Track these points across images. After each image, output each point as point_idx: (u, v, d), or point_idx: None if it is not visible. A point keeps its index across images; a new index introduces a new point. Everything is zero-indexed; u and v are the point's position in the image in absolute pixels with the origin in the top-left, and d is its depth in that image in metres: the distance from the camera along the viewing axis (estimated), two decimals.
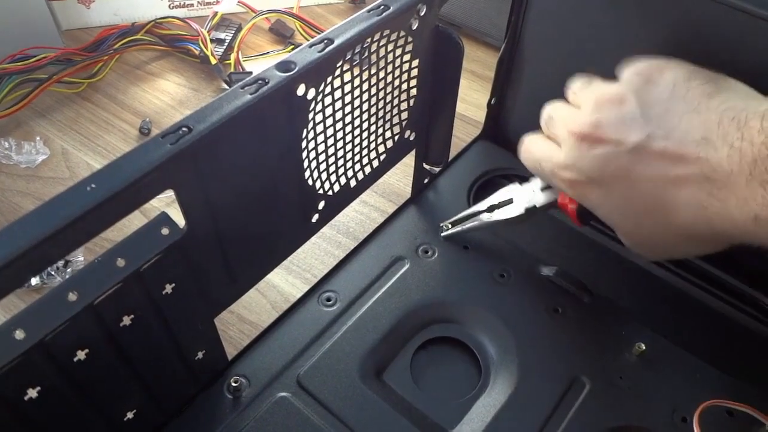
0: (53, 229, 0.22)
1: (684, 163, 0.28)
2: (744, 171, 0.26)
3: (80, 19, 0.68)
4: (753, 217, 0.26)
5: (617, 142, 0.31)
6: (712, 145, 0.27)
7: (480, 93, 0.63)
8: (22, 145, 0.56)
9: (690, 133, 0.28)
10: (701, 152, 0.28)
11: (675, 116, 0.29)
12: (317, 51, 0.30)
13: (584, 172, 0.33)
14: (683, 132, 0.29)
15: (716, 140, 0.27)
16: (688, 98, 0.29)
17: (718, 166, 0.27)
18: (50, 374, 0.26)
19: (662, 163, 0.29)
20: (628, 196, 0.31)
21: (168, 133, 0.26)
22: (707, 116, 0.28)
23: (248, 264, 0.36)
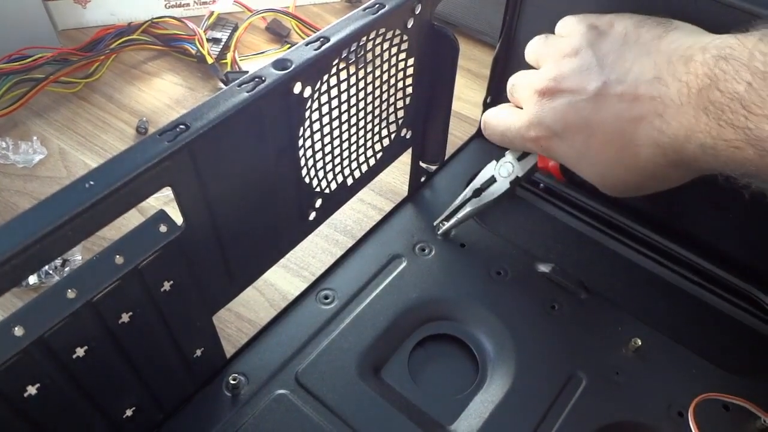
0: (51, 226, 0.22)
1: (639, 102, 0.30)
2: (691, 102, 0.28)
3: (76, 19, 0.68)
4: (700, 144, 0.28)
5: (577, 91, 0.32)
6: (663, 82, 0.29)
7: (476, 91, 0.63)
8: (19, 144, 0.56)
9: (643, 74, 0.30)
10: (654, 91, 0.29)
11: (628, 61, 0.31)
12: (313, 49, 0.31)
13: (548, 125, 0.34)
14: (637, 74, 0.30)
15: (667, 77, 0.29)
16: (640, 43, 0.31)
17: (670, 101, 0.29)
18: (49, 371, 0.26)
19: (620, 106, 0.31)
20: (591, 144, 0.32)
21: (165, 130, 0.26)
22: (658, 57, 0.30)
23: (246, 261, 0.36)
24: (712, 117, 0.27)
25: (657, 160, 0.31)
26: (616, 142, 0.32)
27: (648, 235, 0.46)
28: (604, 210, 0.47)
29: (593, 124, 0.32)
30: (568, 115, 0.33)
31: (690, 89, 0.28)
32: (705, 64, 0.28)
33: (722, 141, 0.27)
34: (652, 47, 0.31)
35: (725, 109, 0.26)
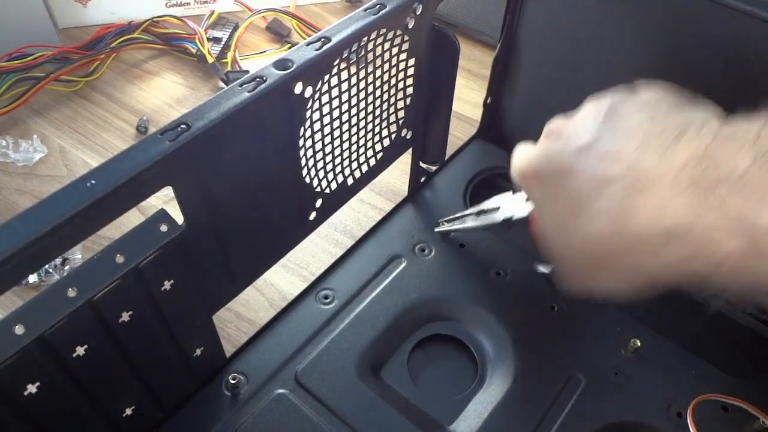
0: (52, 225, 0.22)
1: (617, 163, 0.28)
2: (669, 175, 0.25)
3: (77, 18, 0.68)
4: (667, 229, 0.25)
5: (570, 139, 0.31)
6: (648, 149, 0.27)
7: (476, 92, 0.63)
8: (20, 143, 0.56)
9: (633, 138, 0.28)
10: (635, 154, 0.27)
11: (629, 124, 0.29)
12: (314, 49, 0.31)
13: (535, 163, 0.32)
14: (628, 137, 0.28)
15: (653, 145, 0.27)
16: (650, 111, 0.29)
17: (647, 170, 0.26)
18: (49, 370, 0.26)
19: (598, 163, 0.29)
20: (557, 195, 0.31)
21: (167, 130, 0.26)
22: (657, 124, 0.28)
23: (246, 261, 0.36)
24: (693, 196, 0.24)
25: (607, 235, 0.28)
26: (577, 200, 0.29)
27: None
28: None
29: (567, 174, 0.30)
30: (553, 159, 0.31)
31: (672, 162, 0.26)
32: (698, 141, 0.25)
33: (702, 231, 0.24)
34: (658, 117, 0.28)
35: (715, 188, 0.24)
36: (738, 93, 0.38)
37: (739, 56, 0.36)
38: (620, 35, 0.41)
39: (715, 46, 0.37)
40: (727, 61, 0.37)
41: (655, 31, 0.39)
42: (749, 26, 0.35)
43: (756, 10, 0.34)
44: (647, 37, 0.40)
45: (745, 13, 0.34)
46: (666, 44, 0.39)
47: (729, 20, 0.35)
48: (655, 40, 0.40)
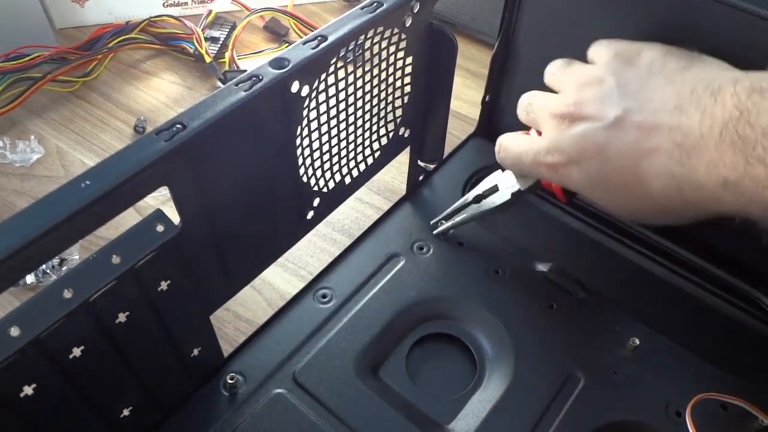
0: (48, 226, 0.22)
1: (657, 132, 0.29)
2: (714, 134, 0.26)
3: (74, 18, 0.68)
4: (722, 181, 0.26)
5: (596, 118, 0.31)
6: (684, 112, 0.28)
7: (474, 90, 0.63)
8: (17, 143, 0.56)
9: (664, 103, 0.29)
10: (674, 120, 0.28)
11: (650, 90, 0.30)
12: (311, 48, 0.31)
13: (565, 152, 0.33)
14: (657, 103, 0.29)
15: (689, 107, 0.28)
16: (664, 73, 0.30)
17: (690, 131, 0.27)
18: (46, 371, 0.26)
19: (637, 136, 0.29)
20: (606, 172, 0.31)
21: (162, 130, 0.26)
22: (681, 87, 0.29)
23: (243, 261, 0.36)
24: (738, 152, 0.25)
25: (670, 194, 0.29)
26: (629, 172, 0.30)
27: (646, 235, 0.45)
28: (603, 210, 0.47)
29: (609, 152, 0.31)
30: (585, 141, 0.32)
31: (714, 120, 0.26)
32: (735, 95, 0.26)
33: (749, 179, 0.25)
34: (677, 77, 0.29)
35: (757, 144, 0.25)
36: None
37: (740, 55, 0.36)
38: (618, 33, 0.41)
39: (716, 45, 0.37)
40: (727, 61, 0.37)
41: (653, 29, 0.39)
42: (750, 25, 0.35)
43: (757, 9, 0.34)
44: (645, 36, 0.40)
45: (745, 11, 0.34)
46: (664, 43, 0.39)
47: (730, 19, 0.35)
48: (653, 38, 0.40)
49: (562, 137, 0.33)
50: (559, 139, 0.33)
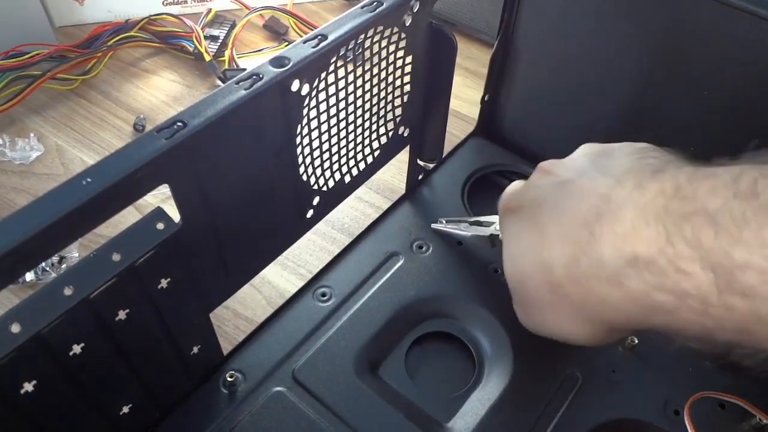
0: (48, 223, 0.22)
1: (586, 199, 0.27)
2: (640, 203, 0.24)
3: (73, 16, 0.68)
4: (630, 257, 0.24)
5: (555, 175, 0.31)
6: (623, 182, 0.26)
7: (473, 90, 0.63)
8: (16, 141, 0.56)
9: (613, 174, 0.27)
10: (610, 187, 0.27)
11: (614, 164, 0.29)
12: (311, 47, 0.31)
13: (519, 197, 0.33)
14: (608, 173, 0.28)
15: (629, 179, 0.26)
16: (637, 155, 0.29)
17: (614, 198, 0.26)
18: (46, 368, 0.26)
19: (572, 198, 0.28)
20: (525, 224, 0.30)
21: (163, 127, 0.26)
22: (634, 164, 0.28)
23: (243, 259, 0.36)
24: (661, 227, 0.23)
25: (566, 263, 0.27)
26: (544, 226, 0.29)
27: None
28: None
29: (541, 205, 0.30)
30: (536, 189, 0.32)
31: (644, 193, 0.25)
32: (675, 177, 0.24)
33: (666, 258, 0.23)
34: (636, 159, 0.28)
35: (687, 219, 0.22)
36: (737, 93, 0.38)
37: (739, 56, 0.36)
38: (618, 33, 0.41)
39: (714, 45, 0.37)
40: (727, 60, 0.37)
41: (653, 29, 0.39)
42: (749, 25, 0.35)
43: (757, 8, 0.34)
44: (645, 36, 0.40)
45: (745, 11, 0.34)
46: (664, 42, 0.39)
47: (729, 19, 0.35)
48: (652, 38, 0.40)
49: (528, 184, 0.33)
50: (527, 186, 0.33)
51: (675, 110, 0.41)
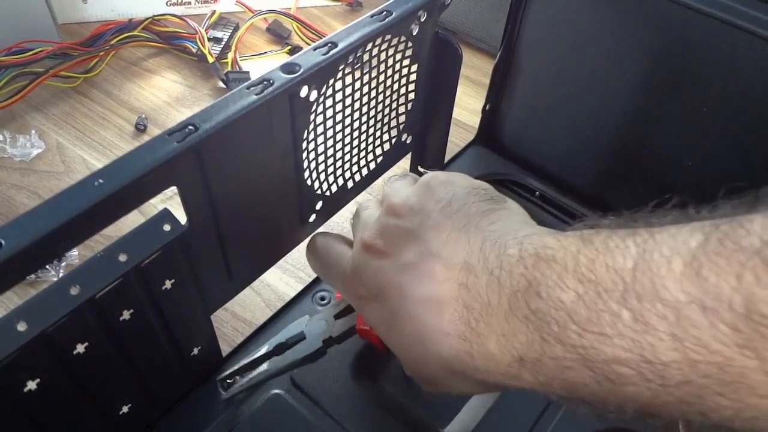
0: (60, 223, 0.23)
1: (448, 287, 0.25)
2: (503, 304, 0.23)
3: (77, 14, 0.68)
4: (518, 358, 0.23)
5: (393, 256, 0.28)
6: (473, 271, 0.25)
7: (475, 98, 0.64)
8: (17, 138, 0.56)
9: (455, 255, 0.26)
10: (462, 277, 0.25)
11: (445, 233, 0.27)
12: (321, 54, 0.31)
13: (366, 285, 0.29)
14: (449, 253, 0.26)
15: (477, 266, 0.25)
16: (461, 214, 0.27)
17: (477, 295, 0.24)
18: (50, 366, 0.26)
19: (429, 286, 0.26)
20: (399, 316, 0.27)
21: (174, 131, 0.26)
22: (473, 237, 0.26)
23: (246, 262, 0.36)
24: (533, 328, 0.22)
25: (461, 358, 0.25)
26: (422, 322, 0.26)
27: None
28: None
29: (405, 294, 0.27)
30: (383, 279, 0.28)
31: (502, 288, 0.23)
32: (521, 261, 0.23)
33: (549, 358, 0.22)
34: (472, 223, 0.27)
35: (551, 321, 0.21)
36: (736, 108, 0.39)
37: (738, 73, 0.37)
38: (618, 47, 0.42)
39: (714, 62, 0.38)
40: (727, 77, 0.38)
41: (655, 44, 0.40)
42: (749, 44, 0.35)
43: (756, 28, 0.35)
44: (644, 50, 0.41)
45: (745, 30, 0.35)
46: (665, 57, 0.40)
47: (729, 37, 0.36)
48: (654, 53, 0.40)
49: (365, 268, 0.29)
50: (362, 269, 0.30)
51: (674, 124, 0.42)
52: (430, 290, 0.26)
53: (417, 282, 0.27)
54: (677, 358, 0.19)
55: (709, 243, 0.19)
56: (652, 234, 0.20)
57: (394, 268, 0.28)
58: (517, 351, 0.23)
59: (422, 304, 0.26)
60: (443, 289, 0.26)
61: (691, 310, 0.18)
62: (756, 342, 0.17)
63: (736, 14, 0.35)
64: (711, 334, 0.18)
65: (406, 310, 0.27)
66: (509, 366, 0.23)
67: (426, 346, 0.26)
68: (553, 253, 0.22)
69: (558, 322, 0.21)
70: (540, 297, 0.22)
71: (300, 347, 0.36)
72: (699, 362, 0.18)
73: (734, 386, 0.18)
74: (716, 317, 0.18)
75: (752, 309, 0.17)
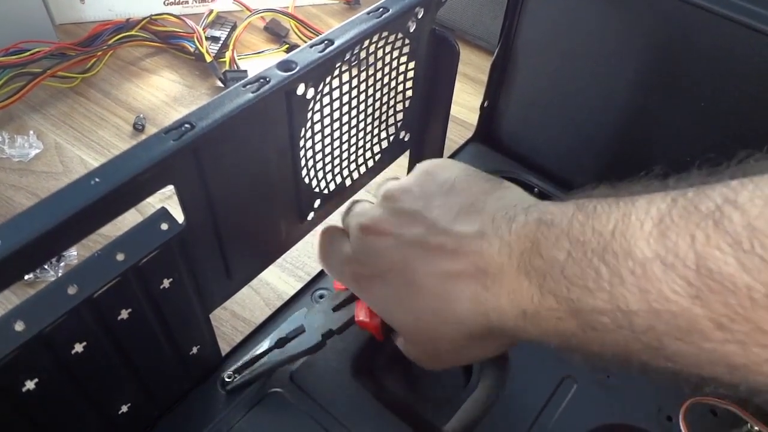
0: (57, 222, 0.23)
1: (461, 257, 0.28)
2: (513, 264, 0.26)
3: (74, 14, 0.68)
4: (521, 312, 0.26)
5: (397, 235, 0.30)
6: (486, 239, 0.27)
7: (472, 96, 0.64)
8: (15, 138, 0.56)
9: (467, 227, 0.28)
10: (476, 246, 0.27)
11: (453, 211, 0.29)
12: (318, 51, 0.31)
13: (367, 265, 0.31)
14: (460, 227, 0.28)
15: (490, 234, 0.27)
16: (467, 194, 0.30)
17: (491, 259, 0.27)
18: (48, 366, 0.26)
19: (441, 258, 0.28)
20: (408, 291, 0.30)
21: (171, 129, 0.26)
22: (484, 211, 0.28)
23: (244, 260, 0.36)
24: (534, 283, 0.25)
25: (478, 320, 0.28)
26: (435, 293, 0.29)
27: None
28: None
29: (412, 270, 0.29)
30: (388, 258, 0.30)
31: (512, 250, 0.26)
32: (527, 225, 0.26)
33: (545, 310, 0.25)
34: (479, 201, 0.29)
35: (547, 276, 0.25)
36: (734, 105, 0.39)
37: (737, 69, 0.37)
38: (616, 43, 0.42)
39: (713, 58, 0.38)
40: (725, 73, 0.38)
41: (653, 40, 0.40)
42: (747, 39, 0.35)
43: (755, 23, 0.34)
44: (642, 46, 0.41)
45: (743, 25, 0.35)
46: (663, 53, 0.40)
47: (727, 32, 0.36)
48: (649, 48, 0.40)
49: (365, 250, 0.31)
50: (362, 251, 0.32)
51: (673, 120, 0.42)
52: (443, 262, 0.28)
53: (427, 256, 0.29)
54: (644, 307, 0.21)
55: (675, 207, 0.21)
56: (633, 200, 0.23)
57: (399, 245, 0.30)
58: (521, 305, 0.26)
59: (435, 276, 0.28)
60: (457, 260, 0.28)
61: (655, 266, 0.21)
62: (704, 293, 0.20)
63: (736, 9, 0.35)
64: (669, 287, 0.21)
65: (417, 284, 0.29)
66: (516, 319, 0.26)
67: (443, 315, 0.29)
68: (552, 218, 0.25)
69: (553, 277, 0.24)
70: (540, 255, 0.25)
71: (300, 340, 0.36)
72: (660, 311, 0.21)
73: (689, 332, 0.21)
74: (674, 272, 0.21)
75: (701, 265, 0.20)
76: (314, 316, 0.37)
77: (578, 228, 0.24)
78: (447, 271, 0.28)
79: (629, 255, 0.22)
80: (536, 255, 0.25)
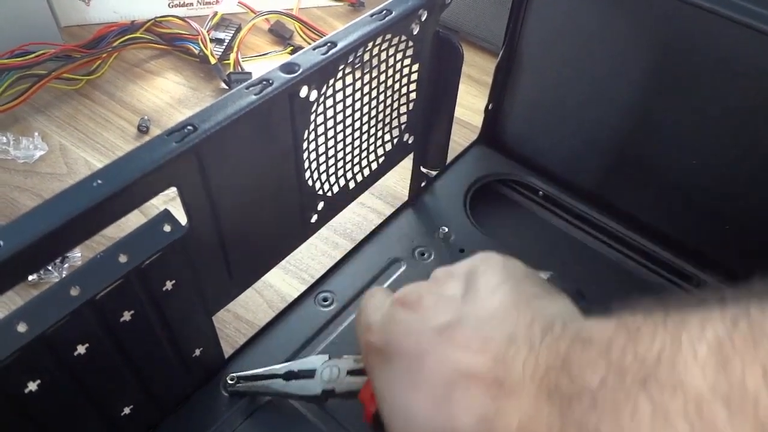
0: (59, 224, 0.23)
1: (482, 357, 0.25)
2: (535, 381, 0.23)
3: (79, 16, 0.68)
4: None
5: (427, 315, 0.27)
6: (515, 344, 0.24)
7: (477, 98, 0.64)
8: (20, 140, 0.56)
9: (500, 328, 0.25)
10: (501, 349, 0.24)
11: (493, 307, 0.26)
12: (321, 54, 0.31)
13: (385, 335, 0.28)
14: (494, 325, 0.25)
15: (520, 340, 0.24)
16: (515, 293, 0.27)
17: (512, 369, 0.24)
18: (51, 368, 0.26)
19: (461, 352, 0.25)
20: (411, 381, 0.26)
21: (173, 131, 0.26)
22: (524, 314, 0.25)
23: (247, 263, 0.36)
24: (555, 409, 0.22)
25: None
26: (438, 394, 0.25)
27: (647, 246, 0.46)
28: (604, 219, 0.47)
29: (426, 357, 0.26)
30: (409, 335, 0.27)
31: (538, 364, 0.23)
32: (561, 339, 0.23)
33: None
34: (522, 303, 0.26)
35: (573, 403, 0.21)
36: (740, 107, 0.38)
37: (742, 70, 0.37)
38: (621, 46, 0.41)
39: (718, 59, 0.38)
40: (730, 74, 0.38)
41: (658, 42, 0.40)
42: (753, 41, 0.35)
43: (759, 24, 0.34)
44: (646, 48, 0.40)
45: (748, 27, 0.35)
46: (668, 55, 0.40)
47: (733, 34, 0.36)
48: (653, 50, 0.40)
49: (391, 320, 0.29)
50: (388, 320, 0.29)
51: (679, 122, 0.42)
52: (460, 355, 0.25)
53: (446, 346, 0.26)
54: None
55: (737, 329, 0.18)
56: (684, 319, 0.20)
57: (422, 325, 0.27)
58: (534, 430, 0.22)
59: (446, 371, 0.25)
60: (477, 360, 0.25)
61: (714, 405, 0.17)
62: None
63: (738, 10, 0.35)
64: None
65: (423, 377, 0.26)
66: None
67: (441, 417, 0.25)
68: (589, 335, 0.22)
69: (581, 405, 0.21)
70: (569, 377, 0.21)
71: (304, 384, 0.35)
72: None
73: None
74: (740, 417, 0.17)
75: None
76: (330, 368, 0.35)
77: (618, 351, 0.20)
78: (460, 367, 0.25)
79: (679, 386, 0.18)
80: (564, 376, 0.22)
